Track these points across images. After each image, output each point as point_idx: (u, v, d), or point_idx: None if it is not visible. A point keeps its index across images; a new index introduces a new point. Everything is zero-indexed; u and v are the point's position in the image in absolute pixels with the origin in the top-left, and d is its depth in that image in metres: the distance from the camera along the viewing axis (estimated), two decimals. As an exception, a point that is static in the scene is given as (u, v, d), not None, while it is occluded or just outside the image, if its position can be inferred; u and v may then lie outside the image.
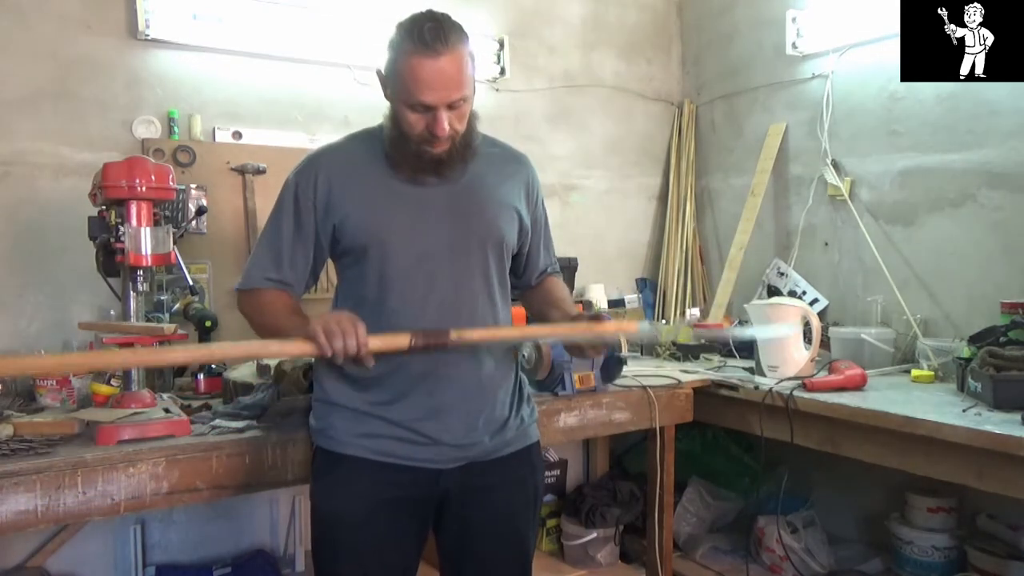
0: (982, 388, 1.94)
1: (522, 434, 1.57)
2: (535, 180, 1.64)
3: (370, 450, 1.45)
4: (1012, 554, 2.28)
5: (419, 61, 1.34)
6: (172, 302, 2.24)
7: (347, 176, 1.46)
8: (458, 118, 1.40)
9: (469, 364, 1.47)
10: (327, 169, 1.47)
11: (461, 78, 1.38)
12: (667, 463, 2.35)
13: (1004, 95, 2.38)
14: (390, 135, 1.44)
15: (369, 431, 1.45)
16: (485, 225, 1.49)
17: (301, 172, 1.49)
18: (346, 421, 1.46)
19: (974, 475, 1.80)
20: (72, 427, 1.66)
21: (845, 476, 2.74)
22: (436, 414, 1.45)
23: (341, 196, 1.45)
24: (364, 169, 1.47)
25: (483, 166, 1.52)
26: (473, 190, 1.49)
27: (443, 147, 1.40)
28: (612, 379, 2.25)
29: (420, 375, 1.44)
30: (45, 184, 2.27)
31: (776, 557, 2.66)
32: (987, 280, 2.44)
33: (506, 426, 1.53)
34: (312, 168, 1.48)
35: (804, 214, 2.97)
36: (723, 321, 2.99)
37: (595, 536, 2.79)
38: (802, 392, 2.15)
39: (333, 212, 1.45)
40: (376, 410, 1.45)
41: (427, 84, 1.34)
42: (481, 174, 1.52)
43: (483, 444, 1.49)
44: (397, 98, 1.39)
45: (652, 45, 3.48)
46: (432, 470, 1.46)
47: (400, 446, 1.44)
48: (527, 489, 1.57)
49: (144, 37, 2.37)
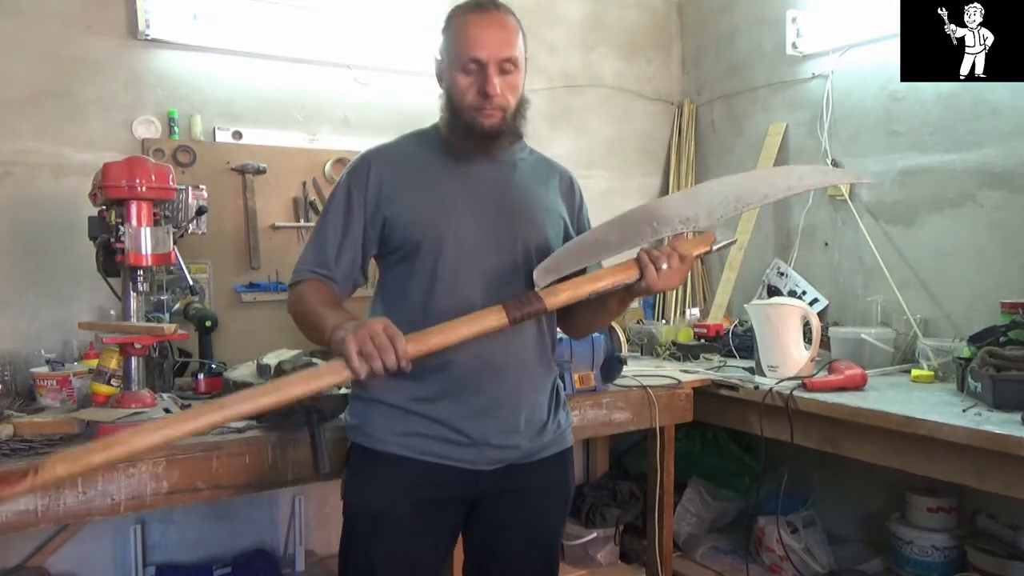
0: (982, 388, 1.94)
1: (559, 438, 1.55)
2: (579, 193, 1.63)
3: (411, 448, 1.42)
4: (1012, 554, 2.27)
5: (472, 18, 1.40)
6: (172, 302, 2.24)
7: (400, 171, 1.47)
8: (509, 87, 1.41)
9: (516, 363, 1.46)
10: (379, 165, 1.47)
11: (512, 38, 1.40)
12: (667, 463, 2.35)
13: (1004, 95, 2.38)
14: (445, 116, 1.45)
15: (410, 429, 1.43)
16: (531, 226, 1.48)
17: (354, 170, 1.49)
18: (386, 419, 1.44)
19: (974, 475, 1.80)
20: (72, 427, 1.66)
21: (845, 476, 2.74)
22: (479, 414, 1.43)
23: (392, 191, 1.45)
24: (417, 163, 1.47)
25: (530, 170, 1.55)
26: (521, 189, 1.50)
27: (495, 116, 1.40)
28: (612, 379, 2.25)
29: (468, 373, 1.42)
30: (45, 184, 2.27)
31: (776, 557, 2.66)
32: (987, 280, 2.44)
33: (545, 429, 1.51)
34: (364, 164, 1.48)
35: (804, 214, 2.97)
36: (723, 321, 2.99)
37: (595, 536, 2.79)
38: (802, 392, 2.15)
39: (385, 207, 1.45)
40: (419, 407, 1.43)
41: (478, 38, 1.38)
42: (528, 176, 1.53)
43: (523, 447, 1.47)
44: (450, 67, 1.42)
45: (652, 45, 3.48)
46: (471, 471, 1.44)
47: (442, 446, 1.42)
48: (561, 493, 1.57)
49: (144, 37, 2.37)
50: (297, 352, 2.07)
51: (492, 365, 1.43)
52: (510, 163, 1.51)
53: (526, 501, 1.50)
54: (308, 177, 2.61)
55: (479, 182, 1.47)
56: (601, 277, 1.39)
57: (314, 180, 2.61)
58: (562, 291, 1.37)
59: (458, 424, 1.42)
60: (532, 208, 1.50)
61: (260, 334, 2.43)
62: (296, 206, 2.60)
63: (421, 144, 1.51)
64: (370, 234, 1.47)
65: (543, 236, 1.49)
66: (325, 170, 2.61)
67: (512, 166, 1.52)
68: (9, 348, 2.18)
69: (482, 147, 1.44)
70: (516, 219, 1.47)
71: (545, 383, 1.53)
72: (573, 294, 1.37)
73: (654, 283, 1.36)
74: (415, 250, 1.44)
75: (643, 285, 1.38)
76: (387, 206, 1.45)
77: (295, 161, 2.60)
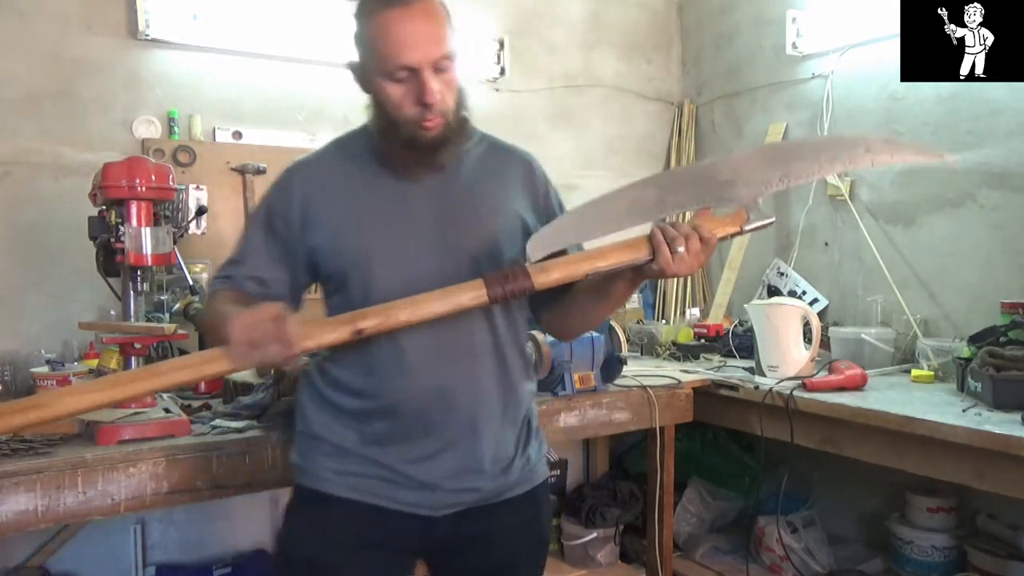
0: (982, 388, 1.94)
1: (528, 475, 1.37)
2: (542, 177, 1.41)
3: (355, 489, 1.27)
4: (1012, 554, 2.27)
5: (391, 16, 1.19)
6: (172, 302, 2.24)
7: (326, 190, 1.30)
8: (446, 85, 1.23)
9: (473, 396, 1.27)
10: (303, 184, 1.31)
11: (441, 31, 1.21)
12: (667, 463, 2.34)
13: (1004, 95, 2.38)
14: (378, 127, 1.27)
15: (354, 469, 1.27)
16: (479, 236, 1.28)
17: (277, 188, 1.33)
18: (330, 458, 1.29)
19: (974, 475, 1.80)
20: (72, 427, 1.65)
21: (845, 476, 2.74)
22: (434, 455, 1.26)
23: (318, 214, 1.28)
24: (344, 178, 1.30)
25: (477, 166, 1.34)
26: (465, 194, 1.31)
27: (437, 124, 1.22)
28: (612, 379, 2.25)
29: (414, 412, 1.25)
30: (45, 184, 2.27)
31: (776, 557, 2.66)
32: (987, 280, 2.44)
33: (511, 467, 1.33)
34: (287, 184, 1.32)
35: (804, 214, 2.97)
36: (723, 321, 2.99)
37: (595, 536, 2.79)
38: (802, 392, 2.15)
39: (311, 233, 1.28)
40: (365, 450, 1.27)
41: (406, 40, 1.18)
42: (475, 175, 1.33)
43: (484, 489, 1.30)
44: (376, 74, 1.22)
45: (652, 45, 3.48)
46: (423, 517, 1.28)
47: (389, 488, 1.27)
48: (533, 537, 1.39)
49: (144, 37, 2.37)
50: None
51: (444, 400, 1.25)
52: (452, 165, 1.31)
53: (491, 549, 1.34)
54: (308, 177, 2.60)
55: (415, 195, 1.29)
56: (603, 255, 1.20)
57: (314, 180, 2.61)
58: (555, 268, 1.19)
59: (407, 468, 1.26)
60: (479, 215, 1.30)
61: (260, 334, 2.43)
62: (296, 206, 2.59)
63: (349, 154, 1.33)
64: (299, 257, 1.31)
65: (494, 246, 1.28)
66: (325, 170, 2.61)
67: (455, 169, 1.31)
68: (9, 348, 2.18)
69: (426, 159, 1.26)
70: (460, 232, 1.28)
71: (513, 413, 1.33)
72: (568, 273, 1.19)
73: (667, 266, 1.17)
74: (343, 281, 1.28)
75: (654, 268, 1.19)
76: (313, 232, 1.28)
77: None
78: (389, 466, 1.26)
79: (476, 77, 2.95)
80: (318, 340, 1.13)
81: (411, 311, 1.14)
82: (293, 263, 1.31)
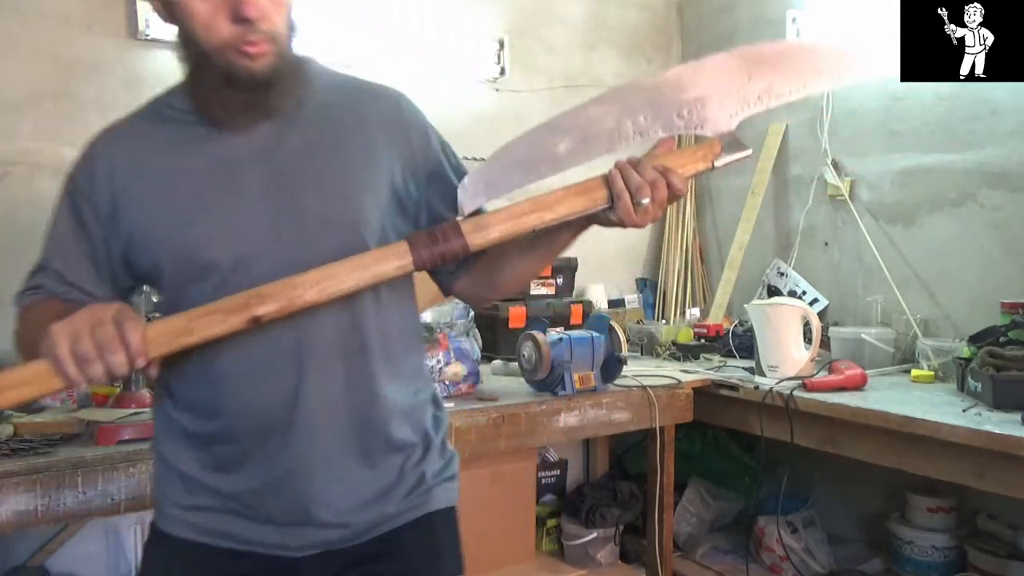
0: (982, 388, 1.94)
1: (420, 499, 1.10)
2: (415, 119, 1.11)
3: (203, 530, 1.04)
4: (1012, 554, 2.27)
5: None
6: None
7: (137, 160, 1.03)
8: (274, 4, 0.96)
9: (351, 401, 1.03)
10: (110, 156, 1.04)
11: None
12: (667, 463, 2.35)
13: (1004, 95, 2.38)
14: (189, 66, 1.01)
15: (202, 502, 1.04)
16: (334, 208, 1.01)
17: (80, 165, 1.06)
18: (177, 491, 1.06)
19: (974, 475, 1.80)
20: (72, 427, 1.66)
21: (845, 476, 2.74)
22: (281, 482, 1.02)
23: (127, 192, 1.02)
24: (160, 143, 1.03)
25: (324, 114, 1.05)
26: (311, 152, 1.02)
27: (264, 51, 0.95)
28: (612, 379, 2.25)
29: (268, 427, 1.01)
30: (45, 184, 2.27)
31: (776, 557, 2.66)
32: (987, 280, 2.44)
33: (390, 493, 1.07)
34: (91, 157, 1.05)
35: (804, 214, 2.96)
36: (723, 321, 2.99)
37: (595, 536, 2.79)
38: (802, 392, 2.15)
39: (123, 217, 1.03)
40: (210, 477, 1.04)
41: None
42: (321, 126, 1.04)
43: (352, 524, 1.05)
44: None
45: (652, 45, 3.48)
46: (287, 560, 1.04)
47: (239, 523, 1.03)
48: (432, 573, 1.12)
49: (144, 37, 2.36)
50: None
51: (285, 416, 1.01)
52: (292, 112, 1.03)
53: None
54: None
55: (241, 151, 1.01)
56: (551, 203, 0.98)
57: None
58: (493, 223, 0.97)
59: (254, 499, 1.03)
60: (328, 175, 1.02)
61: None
62: (296, 206, 2.59)
63: (167, 112, 1.06)
64: (116, 256, 1.05)
65: (351, 214, 1.01)
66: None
67: (295, 116, 1.03)
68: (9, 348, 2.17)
69: (255, 102, 0.98)
70: (307, 197, 1.01)
71: (377, 428, 1.06)
72: (510, 228, 0.97)
73: (627, 217, 0.98)
74: (159, 275, 1.03)
75: (612, 218, 1.00)
76: (124, 217, 1.03)
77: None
78: (236, 496, 1.03)
79: (476, 77, 2.95)
80: (189, 338, 0.91)
81: (319, 289, 0.93)
82: (110, 260, 1.05)
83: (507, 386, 2.24)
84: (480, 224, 0.98)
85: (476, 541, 2.39)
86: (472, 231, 0.97)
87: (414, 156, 1.08)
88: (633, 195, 0.97)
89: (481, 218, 0.99)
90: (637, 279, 3.42)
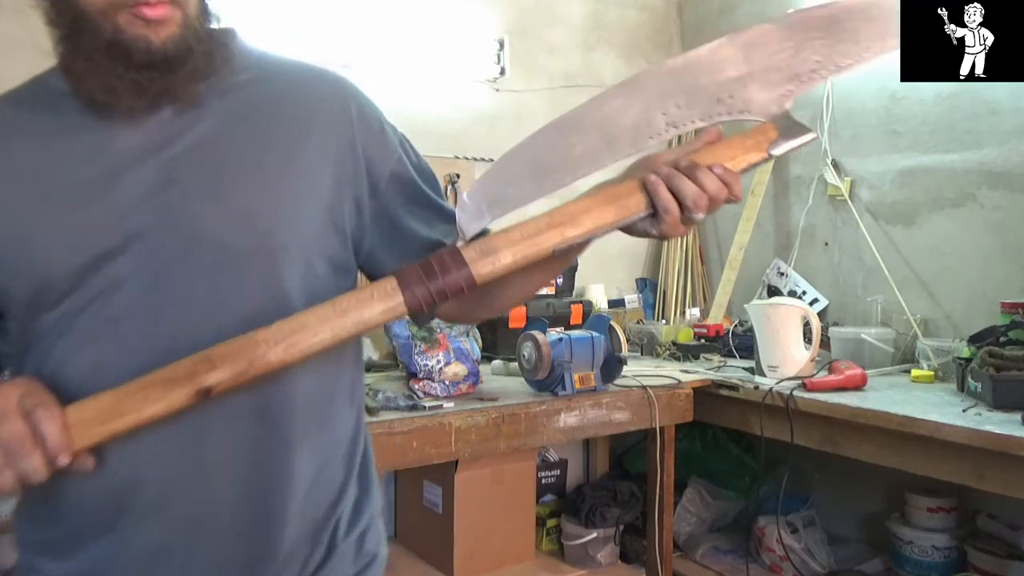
0: (982, 388, 1.94)
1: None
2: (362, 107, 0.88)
3: None
4: (1012, 554, 2.27)
5: None
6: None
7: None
8: None
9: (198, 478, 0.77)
10: None
11: None
12: (667, 463, 2.35)
13: (1004, 95, 2.38)
14: (59, 30, 0.78)
15: None
16: (232, 223, 0.77)
17: None
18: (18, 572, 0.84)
19: (974, 475, 1.80)
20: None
21: (845, 476, 2.74)
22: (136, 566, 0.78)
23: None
24: (28, 136, 0.81)
25: (242, 106, 0.82)
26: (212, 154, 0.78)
27: (163, 16, 0.73)
28: (612, 379, 2.25)
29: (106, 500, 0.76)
30: (45, 184, 2.27)
31: (776, 557, 2.66)
32: (987, 280, 2.44)
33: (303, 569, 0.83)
34: None
35: (804, 214, 2.97)
36: (723, 321, 2.99)
37: (595, 536, 2.79)
38: (802, 392, 2.15)
39: None
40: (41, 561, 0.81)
41: None
42: (236, 121, 0.81)
43: None
44: None
45: (652, 45, 3.48)
46: None
47: None
48: None
49: (144, 37, 2.36)
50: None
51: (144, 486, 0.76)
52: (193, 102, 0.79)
53: None
54: (308, 177, 2.61)
55: (123, 148, 0.77)
56: (576, 216, 0.78)
57: (314, 180, 2.61)
58: (504, 246, 0.77)
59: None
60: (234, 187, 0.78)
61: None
62: (296, 206, 2.59)
63: (39, 98, 0.85)
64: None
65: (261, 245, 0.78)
66: (325, 170, 2.61)
67: (196, 108, 0.79)
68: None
69: (151, 84, 0.75)
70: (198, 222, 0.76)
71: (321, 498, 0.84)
72: (525, 249, 0.77)
73: (675, 230, 0.79)
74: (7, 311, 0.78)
75: (653, 231, 0.80)
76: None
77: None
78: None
79: (476, 77, 2.95)
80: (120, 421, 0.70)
81: (286, 345, 0.71)
82: None
83: (507, 386, 2.24)
84: (487, 248, 0.77)
85: (476, 541, 2.41)
86: (478, 258, 0.77)
87: (363, 155, 0.85)
88: (687, 208, 0.78)
89: (487, 241, 0.77)
90: (637, 279, 3.42)
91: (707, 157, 0.81)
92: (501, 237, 0.78)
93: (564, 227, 0.78)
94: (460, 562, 2.37)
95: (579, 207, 0.80)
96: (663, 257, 3.40)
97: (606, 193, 0.80)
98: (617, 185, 0.81)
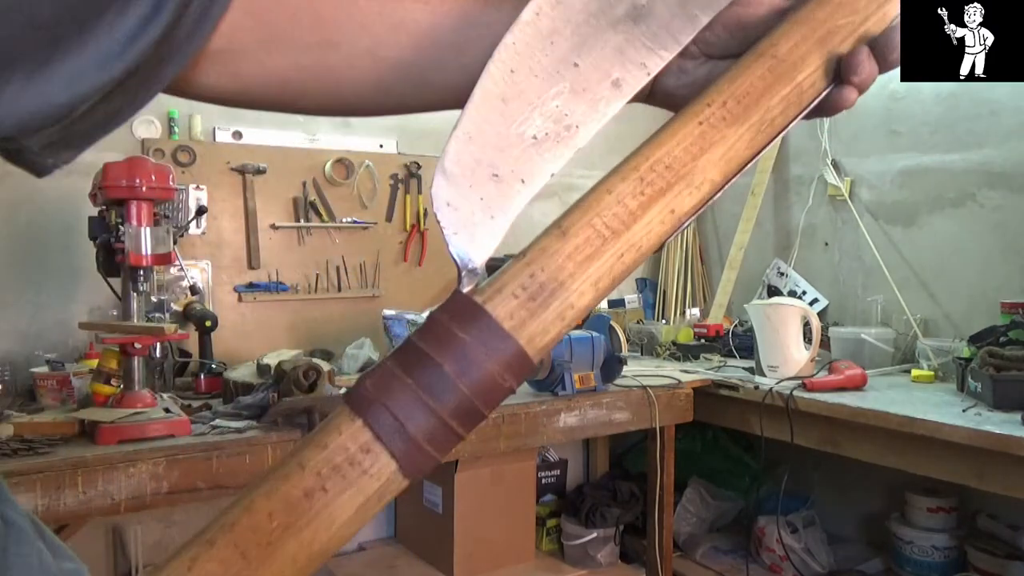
0: (982, 388, 1.94)
1: None
2: None
3: None
4: (1012, 554, 2.27)
5: None
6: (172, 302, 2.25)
7: None
8: None
9: None
10: None
11: None
12: (667, 463, 2.35)
13: (1004, 95, 2.38)
14: None
15: None
16: None
17: None
18: None
19: (974, 475, 1.80)
20: (72, 427, 1.66)
21: (845, 476, 2.74)
22: None
23: None
24: None
25: None
26: None
27: None
28: (612, 379, 2.25)
29: None
30: (45, 184, 2.26)
31: (776, 557, 2.66)
32: (987, 280, 2.44)
33: None
34: None
35: (804, 214, 2.97)
36: (723, 321, 2.99)
37: (595, 536, 2.79)
38: (802, 392, 2.15)
39: None
40: None
41: None
42: None
43: None
44: None
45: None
46: None
47: None
48: None
49: (144, 37, 2.36)
50: (297, 352, 2.07)
51: None
52: None
53: None
54: (308, 177, 2.61)
55: None
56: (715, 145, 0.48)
57: (314, 180, 2.61)
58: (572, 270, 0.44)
59: None
60: None
61: (260, 334, 2.44)
62: (296, 206, 2.60)
63: None
64: None
65: None
66: (325, 170, 2.61)
67: None
68: (9, 348, 2.18)
69: None
70: None
71: None
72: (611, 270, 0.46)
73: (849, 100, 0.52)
74: None
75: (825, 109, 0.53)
76: None
77: (295, 161, 2.60)
78: None
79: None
80: None
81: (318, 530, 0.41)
82: None
83: (507, 386, 2.24)
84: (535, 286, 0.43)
85: (476, 541, 2.41)
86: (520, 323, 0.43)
87: None
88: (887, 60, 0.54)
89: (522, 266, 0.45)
90: (637, 279, 3.42)
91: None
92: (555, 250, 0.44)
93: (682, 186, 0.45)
94: (460, 562, 2.38)
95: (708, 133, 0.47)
96: (663, 257, 3.40)
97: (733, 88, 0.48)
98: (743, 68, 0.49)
